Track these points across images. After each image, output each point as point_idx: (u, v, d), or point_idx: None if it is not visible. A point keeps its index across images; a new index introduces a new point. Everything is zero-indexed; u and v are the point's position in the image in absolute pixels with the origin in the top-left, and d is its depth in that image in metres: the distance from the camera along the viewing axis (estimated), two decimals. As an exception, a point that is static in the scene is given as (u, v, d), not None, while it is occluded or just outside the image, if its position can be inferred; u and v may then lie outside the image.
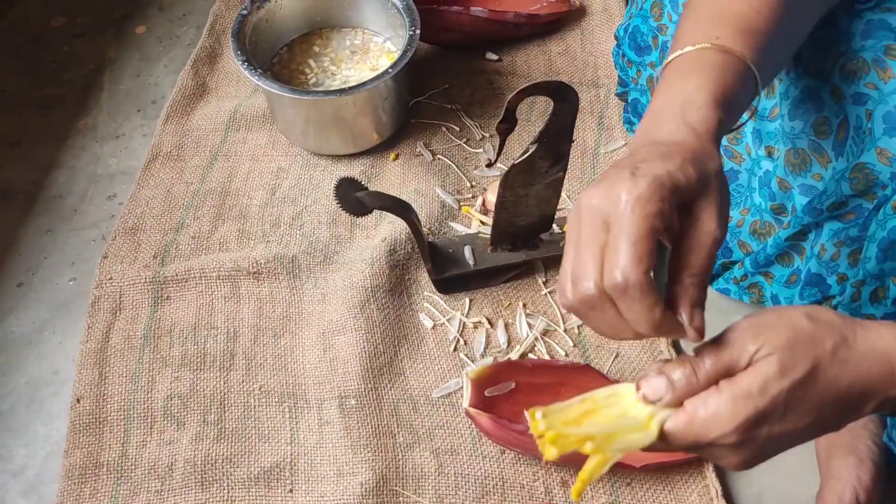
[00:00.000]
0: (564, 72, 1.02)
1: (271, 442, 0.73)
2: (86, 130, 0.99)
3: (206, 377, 0.77)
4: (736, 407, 0.42)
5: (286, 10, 0.95)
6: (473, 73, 1.02)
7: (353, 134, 0.91)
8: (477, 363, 0.77)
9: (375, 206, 0.71)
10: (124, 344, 0.79)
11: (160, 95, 1.02)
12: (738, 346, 0.43)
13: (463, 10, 0.98)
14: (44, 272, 0.87)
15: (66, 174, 0.95)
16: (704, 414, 0.42)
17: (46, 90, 1.03)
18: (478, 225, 0.87)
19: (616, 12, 1.07)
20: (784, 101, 0.69)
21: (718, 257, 0.79)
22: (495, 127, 0.66)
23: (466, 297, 0.82)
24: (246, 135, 0.96)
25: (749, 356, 0.43)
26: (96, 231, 0.90)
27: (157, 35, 1.10)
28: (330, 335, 0.79)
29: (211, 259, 0.84)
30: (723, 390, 0.42)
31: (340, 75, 0.95)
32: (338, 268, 0.84)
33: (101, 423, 0.74)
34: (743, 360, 0.43)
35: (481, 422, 0.69)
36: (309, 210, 0.89)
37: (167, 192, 0.90)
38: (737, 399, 0.42)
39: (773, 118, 0.71)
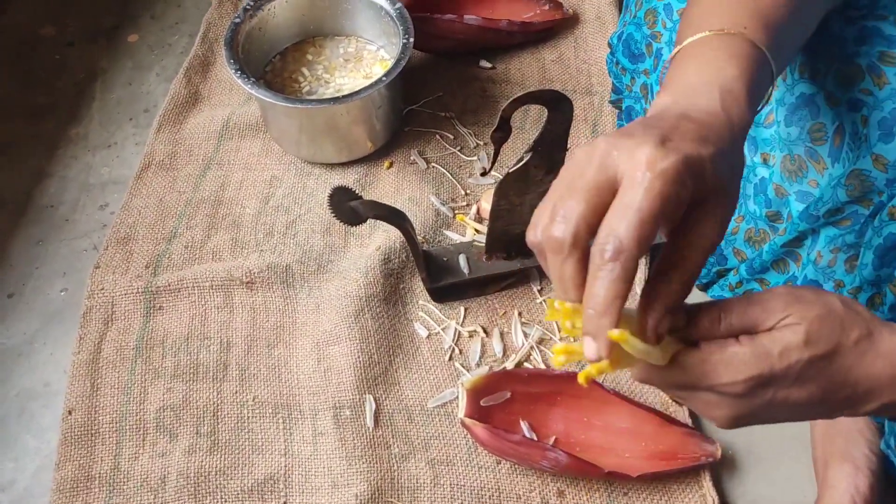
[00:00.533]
0: (558, 79, 1.02)
1: (265, 454, 0.72)
2: (77, 139, 0.99)
3: (199, 388, 0.76)
4: (752, 360, 0.42)
5: (279, 19, 0.94)
6: (467, 80, 1.02)
7: (346, 142, 0.91)
8: (472, 372, 0.77)
9: (370, 215, 0.71)
10: (116, 355, 0.78)
11: (152, 104, 1.02)
12: (769, 308, 0.43)
13: (456, 18, 0.98)
14: (35, 282, 0.86)
15: (57, 183, 0.94)
16: (719, 357, 0.42)
17: (37, 99, 1.03)
18: (472, 233, 0.87)
19: (609, 20, 1.07)
20: (780, 108, 0.69)
21: (713, 264, 0.79)
22: (490, 136, 0.66)
23: (461, 305, 0.82)
24: (239, 143, 0.95)
25: (776, 320, 0.43)
26: (88, 241, 0.89)
27: (149, 43, 1.09)
28: (324, 345, 0.78)
29: (204, 269, 0.83)
30: (743, 343, 0.42)
31: (334, 83, 0.95)
32: (332, 277, 0.83)
33: (93, 435, 0.73)
34: (769, 322, 0.43)
35: (477, 432, 0.68)
36: (302, 219, 0.88)
37: (160, 202, 0.90)
38: (756, 355, 0.42)
39: (769, 125, 0.71)
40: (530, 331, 0.79)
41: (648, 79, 0.83)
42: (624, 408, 0.71)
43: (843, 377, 0.43)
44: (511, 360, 0.78)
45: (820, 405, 0.44)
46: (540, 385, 0.73)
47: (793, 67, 0.68)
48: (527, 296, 0.82)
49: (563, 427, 0.72)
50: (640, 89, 0.86)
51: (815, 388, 0.43)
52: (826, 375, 0.43)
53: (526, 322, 0.80)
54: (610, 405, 0.72)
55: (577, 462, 0.66)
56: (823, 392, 0.43)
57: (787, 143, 0.68)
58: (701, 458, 0.69)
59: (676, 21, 0.73)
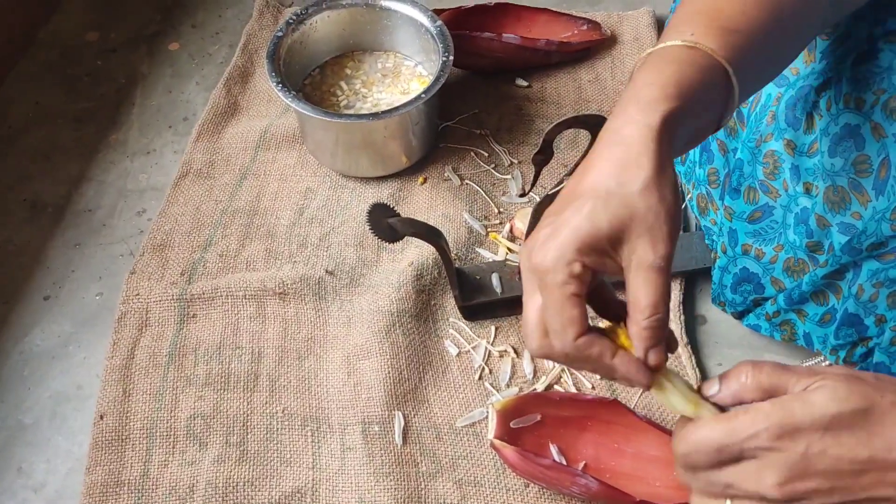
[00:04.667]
0: (594, 100, 1.02)
1: (293, 466, 0.73)
2: (116, 145, 1.00)
3: (230, 398, 0.76)
4: (774, 409, 0.41)
5: (320, 33, 0.95)
6: (503, 98, 1.02)
7: (382, 157, 0.91)
8: (502, 393, 0.76)
9: (407, 232, 0.71)
10: (149, 361, 0.78)
11: (191, 112, 1.03)
12: (800, 372, 0.43)
13: (495, 37, 0.99)
14: (70, 286, 0.87)
15: (95, 188, 0.96)
16: (743, 414, 0.42)
17: (79, 104, 1.04)
18: (505, 252, 0.87)
19: (647, 42, 1.07)
20: (824, 138, 0.68)
21: (749, 293, 0.78)
22: (531, 158, 0.66)
23: (492, 324, 0.82)
24: (275, 154, 0.96)
25: (805, 385, 0.42)
26: (124, 246, 0.90)
27: (189, 52, 1.11)
28: (354, 359, 0.78)
29: (237, 278, 0.84)
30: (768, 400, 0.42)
31: (371, 98, 0.95)
32: (364, 291, 0.83)
33: (124, 440, 0.74)
34: (798, 387, 0.42)
35: (507, 454, 0.68)
36: (336, 231, 0.89)
37: (196, 210, 0.91)
38: (777, 403, 0.41)
39: (813, 154, 0.70)
40: (561, 353, 0.79)
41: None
42: (656, 435, 0.71)
43: (889, 433, 0.40)
44: (541, 381, 0.77)
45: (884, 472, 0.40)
46: (571, 409, 0.72)
47: (837, 97, 0.67)
48: (558, 317, 0.82)
49: (594, 453, 0.71)
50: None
51: (857, 443, 0.40)
52: (865, 429, 0.40)
53: (557, 344, 0.80)
54: (642, 432, 0.71)
55: (608, 489, 0.65)
56: (870, 448, 0.40)
57: (831, 173, 0.67)
58: (733, 490, 0.68)
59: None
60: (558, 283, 0.44)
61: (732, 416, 0.42)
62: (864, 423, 0.40)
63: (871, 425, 0.40)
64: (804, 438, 0.40)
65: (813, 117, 0.69)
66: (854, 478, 0.40)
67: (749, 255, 0.75)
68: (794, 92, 0.69)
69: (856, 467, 0.40)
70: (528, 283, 0.47)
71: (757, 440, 0.41)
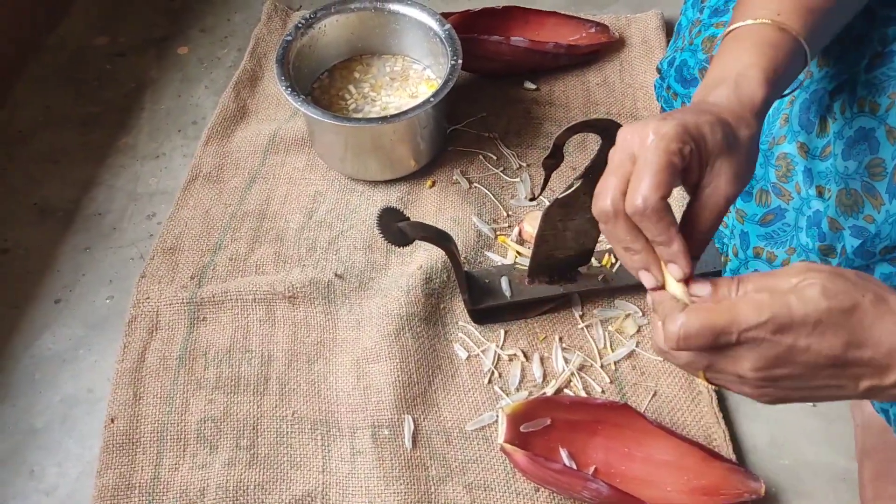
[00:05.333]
0: (603, 103, 1.02)
1: (303, 470, 0.73)
2: (126, 149, 1.00)
3: (240, 401, 0.76)
4: (773, 302, 0.43)
5: (329, 37, 0.95)
6: (511, 101, 1.02)
7: (391, 160, 0.91)
8: (511, 397, 0.76)
9: (417, 236, 0.71)
10: (160, 364, 0.79)
11: (200, 116, 1.03)
12: (786, 273, 0.45)
13: (503, 40, 0.99)
14: (81, 289, 0.87)
15: (105, 192, 0.96)
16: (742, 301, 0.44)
17: (88, 108, 1.05)
18: (514, 255, 0.87)
19: (656, 44, 1.07)
20: (838, 141, 0.68)
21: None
22: (541, 162, 0.66)
23: (501, 328, 0.82)
24: (284, 158, 0.96)
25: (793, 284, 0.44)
26: (134, 250, 0.90)
27: (198, 56, 1.11)
28: (364, 363, 0.78)
29: (247, 281, 0.84)
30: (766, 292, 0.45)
31: (380, 101, 0.95)
32: (373, 294, 0.83)
33: (135, 444, 0.74)
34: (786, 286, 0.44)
35: (517, 458, 0.68)
36: (345, 235, 0.89)
37: (206, 213, 0.91)
38: (776, 298, 0.43)
39: (826, 157, 0.70)
40: (571, 357, 0.79)
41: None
42: (666, 440, 0.70)
43: (864, 334, 0.43)
44: (551, 385, 0.77)
45: (845, 367, 0.44)
46: (581, 413, 0.72)
47: (852, 101, 0.67)
48: (568, 321, 0.82)
49: (604, 457, 0.71)
50: (689, 115, 0.85)
51: (837, 341, 0.43)
52: (847, 328, 0.43)
53: (567, 348, 0.80)
54: (652, 437, 0.71)
55: (619, 494, 0.65)
56: (846, 346, 0.43)
57: (844, 176, 0.67)
58: (744, 494, 0.68)
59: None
60: (669, 148, 0.47)
61: (734, 306, 0.44)
62: (846, 322, 0.43)
63: (853, 325, 0.43)
64: (795, 332, 0.43)
65: (826, 120, 0.68)
66: (821, 370, 0.44)
67: (761, 258, 0.75)
68: (808, 95, 0.68)
69: (828, 361, 0.44)
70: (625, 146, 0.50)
71: (756, 331, 0.43)
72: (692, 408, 0.75)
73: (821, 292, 0.43)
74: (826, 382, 0.45)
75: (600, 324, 0.81)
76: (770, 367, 0.44)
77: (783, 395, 0.46)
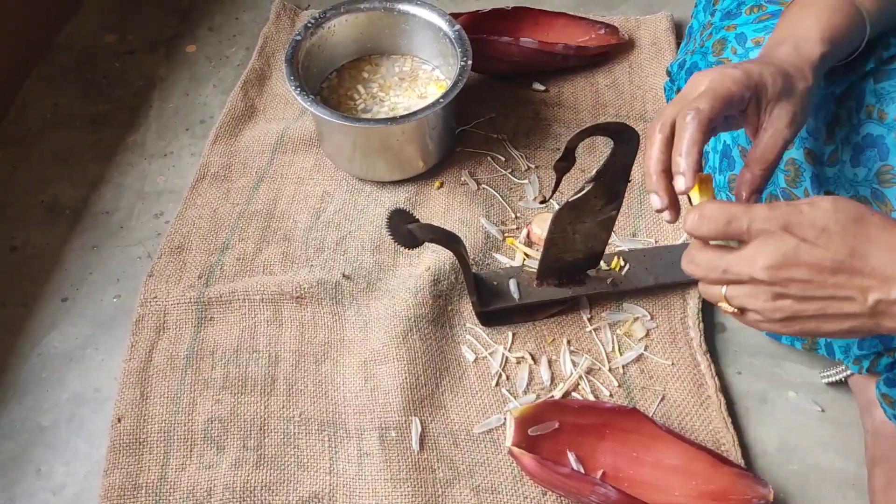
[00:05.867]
0: (611, 104, 1.02)
1: (310, 471, 0.72)
2: (134, 147, 1.00)
3: (247, 401, 0.76)
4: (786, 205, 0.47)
5: (338, 37, 0.95)
6: (520, 103, 1.02)
7: (399, 161, 0.91)
8: (519, 400, 0.76)
9: (426, 238, 0.71)
10: (167, 364, 0.79)
11: (209, 115, 1.03)
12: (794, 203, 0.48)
13: (513, 41, 0.98)
14: (88, 288, 0.87)
15: (113, 190, 0.96)
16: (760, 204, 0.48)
17: (96, 106, 1.05)
18: (522, 257, 0.86)
19: (665, 46, 1.06)
20: (845, 147, 0.67)
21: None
22: (553, 165, 0.65)
23: (509, 330, 0.81)
24: (292, 157, 0.96)
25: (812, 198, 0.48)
26: (142, 248, 0.90)
27: (206, 55, 1.11)
28: (371, 364, 0.78)
29: (255, 281, 0.84)
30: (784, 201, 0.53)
31: (388, 101, 0.95)
32: (381, 295, 0.83)
33: (141, 443, 0.74)
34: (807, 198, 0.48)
35: (525, 462, 0.68)
36: (353, 236, 0.89)
37: (213, 213, 0.91)
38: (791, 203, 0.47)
39: (833, 163, 0.69)
40: (579, 360, 0.79)
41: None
42: (675, 445, 0.70)
43: (869, 244, 0.45)
44: (559, 388, 0.77)
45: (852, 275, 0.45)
46: (590, 417, 0.72)
47: (859, 107, 0.66)
48: (576, 324, 0.82)
49: (612, 461, 0.71)
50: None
51: (844, 246, 0.45)
52: (853, 235, 0.46)
53: (575, 351, 0.80)
54: (660, 441, 0.71)
55: (628, 498, 0.65)
56: (851, 252, 0.45)
57: (853, 183, 0.67)
58: (752, 499, 0.68)
59: (749, 48, 0.73)
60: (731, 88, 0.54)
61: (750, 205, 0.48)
62: (853, 230, 0.46)
63: (858, 235, 0.46)
64: (802, 231, 0.46)
65: (833, 127, 0.68)
66: (829, 275, 0.46)
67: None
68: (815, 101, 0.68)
69: (834, 266, 0.46)
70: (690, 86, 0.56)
71: (765, 223, 0.47)
72: (701, 412, 0.75)
73: (832, 204, 0.46)
74: (835, 293, 0.46)
75: (609, 327, 0.81)
76: (780, 265, 0.46)
77: (796, 308, 0.47)
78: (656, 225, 0.89)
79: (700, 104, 0.54)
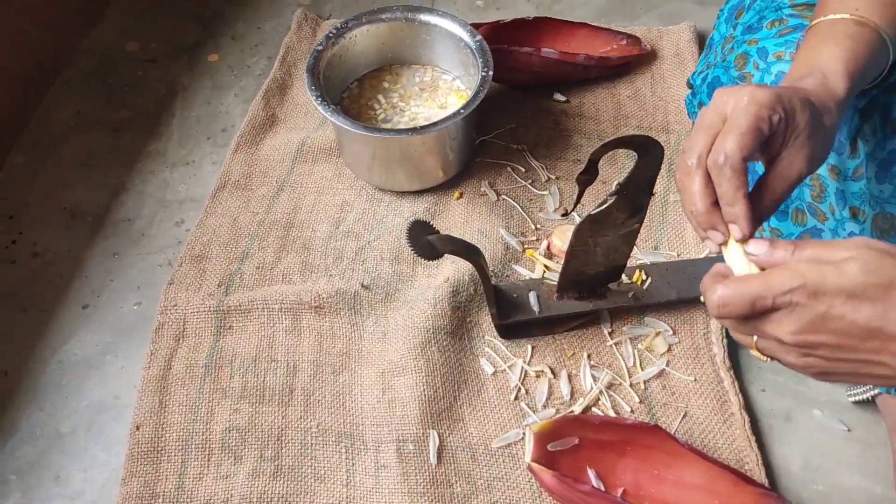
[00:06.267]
0: (633, 116, 1.01)
1: (327, 482, 0.72)
2: (156, 155, 1.01)
3: (265, 411, 0.76)
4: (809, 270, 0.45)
5: (359, 47, 0.95)
6: (540, 113, 1.01)
7: (419, 171, 0.91)
8: (538, 414, 0.75)
9: (446, 250, 0.70)
10: (186, 372, 0.79)
11: (230, 124, 1.04)
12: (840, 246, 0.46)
13: (534, 51, 0.98)
14: (109, 295, 0.87)
15: (134, 198, 0.96)
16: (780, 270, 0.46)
17: (119, 113, 1.05)
18: (542, 269, 0.86)
19: (688, 57, 1.06)
20: (870, 163, 0.66)
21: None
22: (576, 178, 0.65)
23: (528, 343, 0.81)
24: (312, 167, 0.96)
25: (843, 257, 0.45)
26: (163, 256, 0.90)
27: (228, 64, 1.12)
28: (389, 375, 0.78)
29: (274, 290, 0.84)
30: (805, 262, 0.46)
31: (409, 111, 0.95)
32: (399, 306, 0.83)
33: (160, 452, 0.74)
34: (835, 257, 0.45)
35: (545, 479, 0.67)
36: (372, 245, 0.89)
37: (234, 221, 0.91)
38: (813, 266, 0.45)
39: (858, 178, 0.68)
40: (599, 374, 0.78)
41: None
42: (697, 463, 0.69)
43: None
44: (579, 403, 0.76)
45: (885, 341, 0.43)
46: (610, 433, 0.71)
47: (884, 122, 0.65)
48: (597, 338, 0.81)
49: (633, 479, 0.70)
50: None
51: (873, 312, 0.43)
52: (883, 302, 0.43)
53: (595, 365, 0.79)
54: (682, 459, 0.69)
55: (649, 517, 0.64)
56: (883, 321, 0.43)
57: (880, 200, 0.66)
58: (776, 521, 0.67)
59: (771, 63, 0.72)
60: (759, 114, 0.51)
61: (769, 274, 0.46)
62: (885, 296, 0.43)
63: (889, 301, 0.43)
64: (828, 300, 0.44)
65: (857, 142, 0.67)
66: (861, 341, 0.44)
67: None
68: None
69: (865, 333, 0.44)
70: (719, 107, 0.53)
71: (790, 295, 0.45)
72: (724, 430, 0.73)
73: (861, 268, 0.44)
74: (867, 357, 0.45)
75: (630, 341, 0.80)
76: (806, 331, 0.45)
77: (827, 366, 0.46)
78: (679, 238, 0.88)
79: (728, 146, 0.50)
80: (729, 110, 0.52)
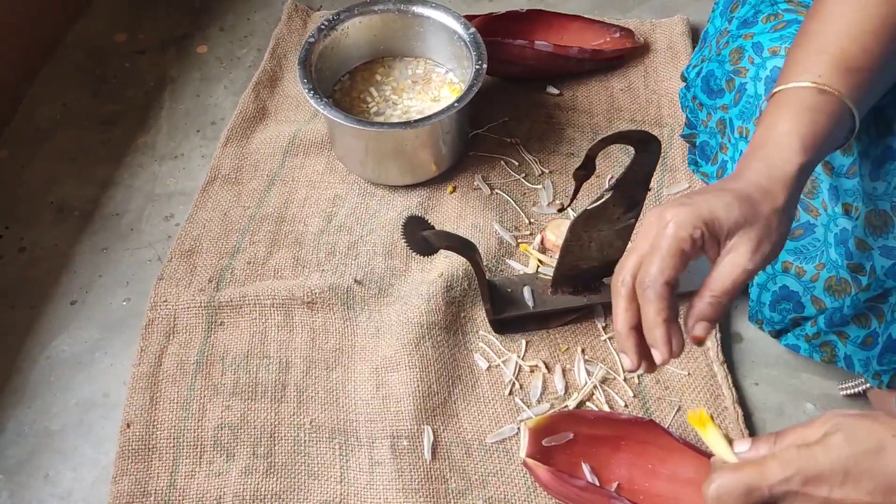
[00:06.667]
0: (626, 109, 1.01)
1: (321, 479, 0.72)
2: (144, 149, 0.99)
3: (257, 408, 0.75)
4: (798, 456, 0.45)
5: (351, 39, 0.94)
6: (533, 106, 1.01)
7: (412, 165, 0.90)
8: (533, 409, 0.75)
9: (441, 245, 0.70)
10: (176, 369, 0.78)
11: (220, 117, 1.02)
12: (815, 424, 0.47)
13: (527, 44, 0.97)
14: (97, 291, 0.86)
15: (123, 192, 0.95)
16: (772, 460, 0.46)
17: (106, 106, 1.04)
18: (536, 264, 0.85)
19: (682, 50, 1.05)
20: (864, 161, 0.66)
21: (789, 311, 0.76)
22: (572, 173, 0.64)
23: (523, 338, 0.80)
24: (304, 160, 0.95)
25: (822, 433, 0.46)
26: (152, 251, 0.89)
27: (217, 55, 1.10)
28: (383, 371, 0.77)
29: (265, 286, 0.83)
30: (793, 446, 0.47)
31: (401, 105, 0.94)
32: (393, 301, 0.82)
33: (150, 450, 0.73)
34: (816, 436, 0.46)
35: (539, 474, 0.67)
36: (364, 240, 0.88)
37: (224, 216, 0.90)
38: (801, 449, 0.45)
39: (851, 175, 0.68)
40: (594, 369, 0.78)
41: (727, 114, 0.81)
42: (692, 458, 0.69)
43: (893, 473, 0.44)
44: (573, 398, 0.76)
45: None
46: (605, 428, 0.71)
47: (878, 119, 0.65)
48: (591, 332, 0.81)
49: (627, 473, 0.70)
50: (717, 125, 0.83)
51: (872, 487, 0.43)
52: (877, 473, 0.44)
53: (589, 360, 0.79)
54: (677, 454, 0.69)
55: (644, 512, 0.64)
56: (886, 491, 0.43)
57: (873, 197, 0.66)
58: (770, 515, 0.67)
59: (766, 58, 0.71)
60: (679, 235, 0.51)
61: (762, 462, 0.46)
62: (875, 464, 0.44)
63: (882, 468, 0.44)
64: (826, 487, 0.44)
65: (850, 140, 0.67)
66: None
67: (789, 273, 0.74)
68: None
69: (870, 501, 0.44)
70: (647, 230, 0.54)
71: (786, 485, 0.45)
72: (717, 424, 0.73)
73: (844, 438, 0.44)
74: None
75: (624, 336, 0.80)
76: None
77: None
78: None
79: (651, 271, 0.51)
80: (654, 233, 0.53)
